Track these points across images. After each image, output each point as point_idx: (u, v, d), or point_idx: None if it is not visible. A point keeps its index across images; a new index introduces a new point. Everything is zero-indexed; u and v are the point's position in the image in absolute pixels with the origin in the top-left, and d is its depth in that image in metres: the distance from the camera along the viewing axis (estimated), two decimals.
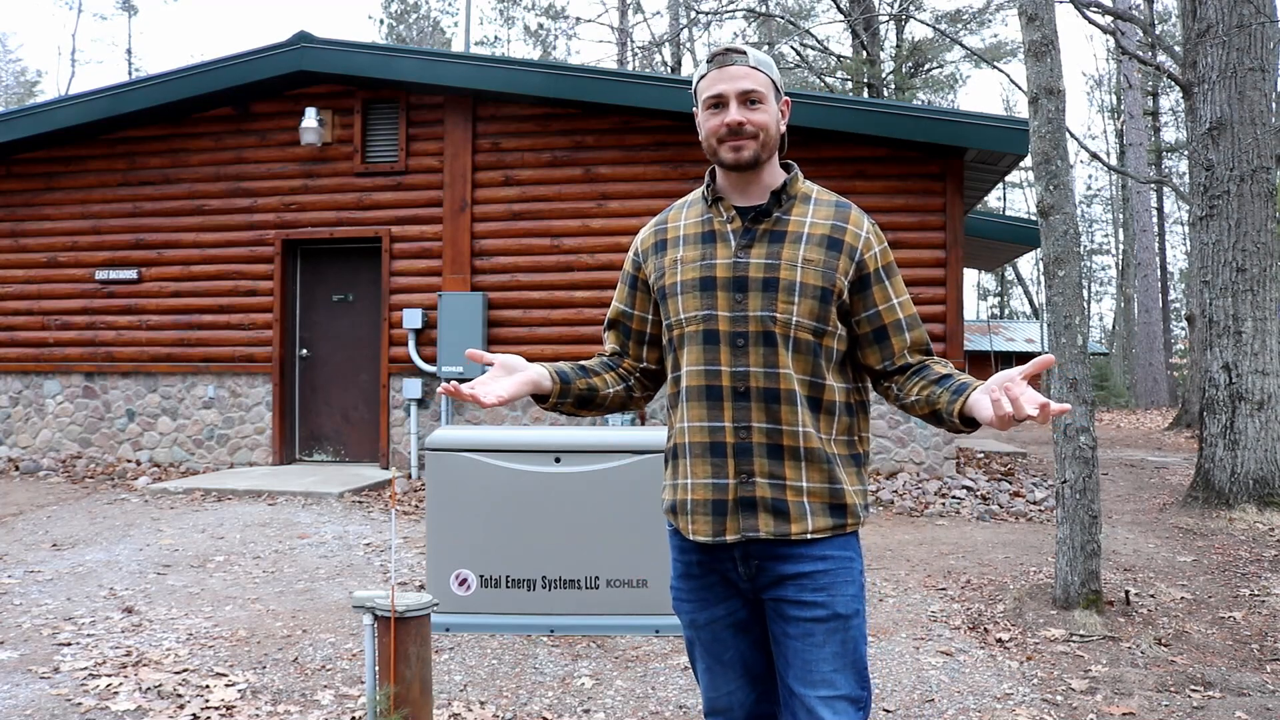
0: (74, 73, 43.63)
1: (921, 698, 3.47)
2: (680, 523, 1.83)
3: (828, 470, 1.77)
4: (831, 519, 1.77)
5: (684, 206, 1.94)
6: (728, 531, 1.76)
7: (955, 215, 8.26)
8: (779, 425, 1.75)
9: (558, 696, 3.47)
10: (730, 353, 1.77)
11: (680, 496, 1.83)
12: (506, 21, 35.67)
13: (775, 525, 1.75)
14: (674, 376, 1.87)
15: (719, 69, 1.81)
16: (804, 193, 1.86)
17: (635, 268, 1.96)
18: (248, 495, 7.50)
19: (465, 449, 4.13)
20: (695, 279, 1.81)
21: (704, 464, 1.79)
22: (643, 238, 1.97)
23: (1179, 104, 28.32)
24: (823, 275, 1.77)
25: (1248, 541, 6.06)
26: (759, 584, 1.79)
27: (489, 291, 8.69)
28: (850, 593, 1.76)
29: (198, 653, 3.89)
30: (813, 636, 1.73)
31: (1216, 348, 7.16)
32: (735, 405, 1.76)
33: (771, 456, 1.75)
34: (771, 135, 1.81)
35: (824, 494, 1.77)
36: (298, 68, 8.70)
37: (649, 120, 8.57)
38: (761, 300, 1.76)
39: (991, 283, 46.27)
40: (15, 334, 9.54)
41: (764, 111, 1.80)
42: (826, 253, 1.78)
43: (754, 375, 1.76)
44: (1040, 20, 4.67)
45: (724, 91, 1.79)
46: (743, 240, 1.80)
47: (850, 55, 23.32)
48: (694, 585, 1.86)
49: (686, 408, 1.82)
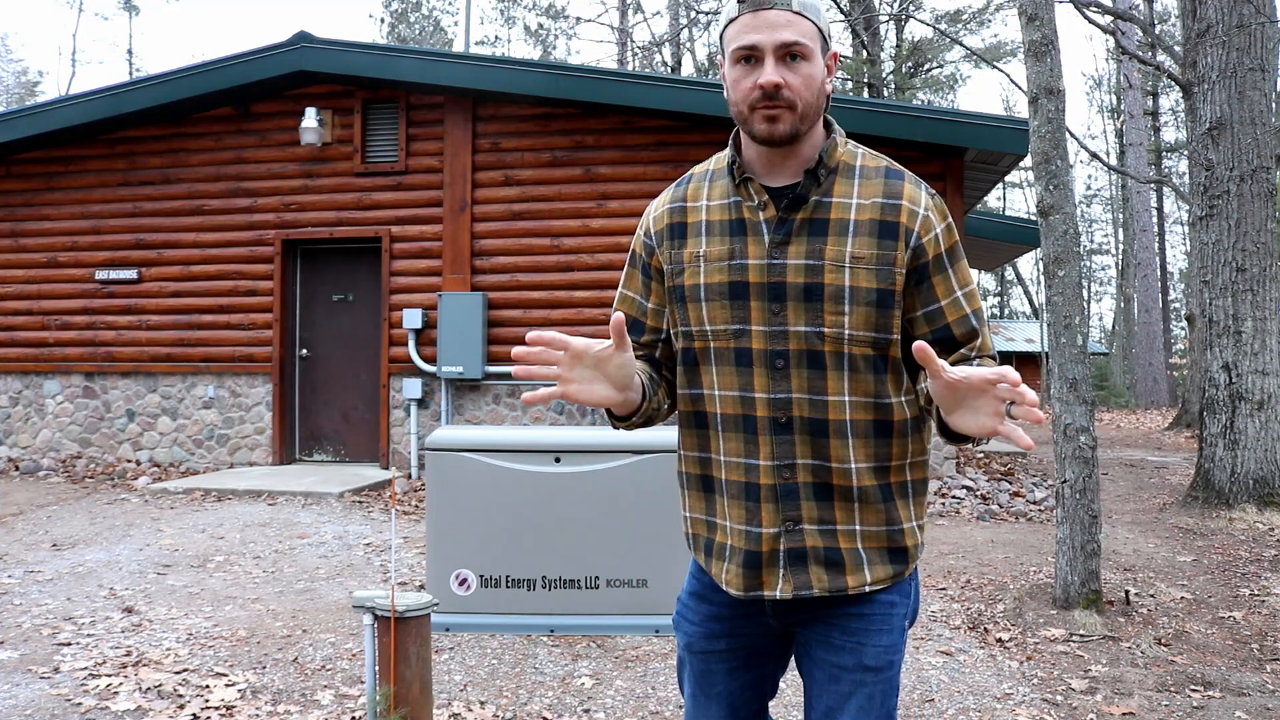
0: (74, 73, 43.64)
1: (921, 697, 3.47)
2: (713, 568, 1.57)
3: (884, 511, 1.51)
4: (890, 566, 1.52)
5: (706, 179, 1.59)
6: (766, 588, 1.51)
7: (955, 215, 8.26)
8: (827, 462, 1.48)
9: (558, 696, 3.47)
10: (767, 376, 1.48)
11: (708, 535, 1.58)
12: (507, 21, 35.67)
13: (830, 579, 1.49)
14: (689, 394, 1.57)
15: (754, 12, 1.44)
16: (845, 162, 1.51)
17: (648, 253, 1.61)
18: (248, 495, 7.50)
19: (465, 449, 4.13)
20: (723, 283, 1.50)
21: (738, 507, 1.52)
22: (655, 216, 1.62)
23: (1179, 104, 28.33)
24: (878, 274, 1.45)
25: (1248, 541, 6.06)
26: (788, 621, 1.58)
27: (489, 291, 8.69)
28: (884, 643, 1.52)
29: (198, 653, 3.89)
30: (838, 683, 1.52)
31: (1216, 348, 7.16)
32: (776, 440, 1.48)
33: (819, 499, 1.49)
34: (814, 103, 1.45)
35: (881, 538, 1.51)
36: (298, 68, 8.71)
37: (649, 120, 8.57)
38: (804, 312, 1.45)
39: (991, 283, 46.27)
40: (15, 334, 9.54)
41: (807, 70, 1.44)
42: (879, 243, 1.45)
43: (797, 404, 1.47)
44: (1040, 20, 4.67)
45: (759, 43, 1.43)
46: (777, 235, 1.47)
47: (850, 55, 23.32)
48: (704, 611, 1.63)
49: (720, 438, 1.53)
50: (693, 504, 1.61)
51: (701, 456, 1.57)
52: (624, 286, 1.65)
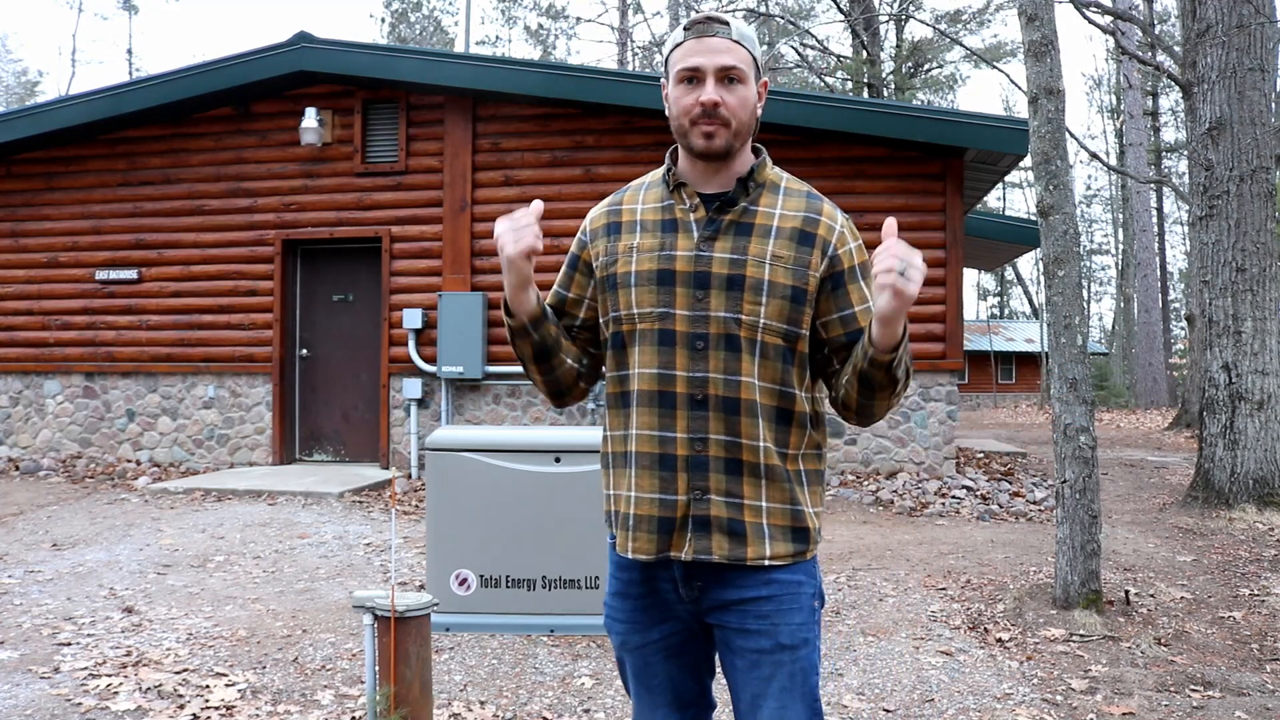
0: (74, 73, 43.66)
1: (921, 698, 3.47)
2: (620, 538, 1.68)
3: (788, 490, 1.63)
4: (792, 544, 1.63)
5: (641, 188, 1.75)
6: (673, 549, 1.62)
7: (955, 215, 8.26)
8: (738, 439, 1.60)
9: (558, 696, 3.47)
10: (688, 356, 1.61)
11: (622, 510, 1.68)
12: (508, 21, 35.70)
13: (730, 548, 1.61)
14: (617, 376, 1.69)
15: (698, 39, 1.61)
16: (772, 180, 1.69)
17: (580, 248, 1.76)
18: (248, 495, 7.51)
19: (465, 449, 4.13)
20: (652, 271, 1.64)
21: (651, 477, 1.63)
22: (593, 217, 1.77)
23: (1179, 104, 28.32)
24: (794, 273, 1.61)
25: (1247, 541, 6.06)
26: (702, 607, 1.67)
27: (489, 291, 8.69)
28: (797, 621, 1.62)
29: (198, 653, 3.89)
30: (759, 668, 1.62)
31: (1216, 348, 7.16)
32: (691, 415, 1.61)
33: (729, 473, 1.60)
34: (746, 122, 1.63)
35: (784, 515, 1.63)
36: (298, 68, 8.71)
37: (649, 120, 8.57)
38: (725, 299, 1.60)
39: (991, 283, 46.28)
40: (15, 334, 9.54)
41: (742, 92, 1.61)
42: (798, 248, 1.62)
43: (713, 382, 1.60)
44: (1040, 20, 4.67)
45: (701, 65, 1.59)
46: (706, 231, 1.63)
47: (850, 55, 23.32)
48: (629, 606, 1.72)
49: (636, 414, 1.65)
50: (616, 481, 1.71)
51: (624, 434, 1.68)
52: (556, 283, 1.81)
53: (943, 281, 8.23)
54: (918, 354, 8.20)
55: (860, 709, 3.36)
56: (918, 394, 8.29)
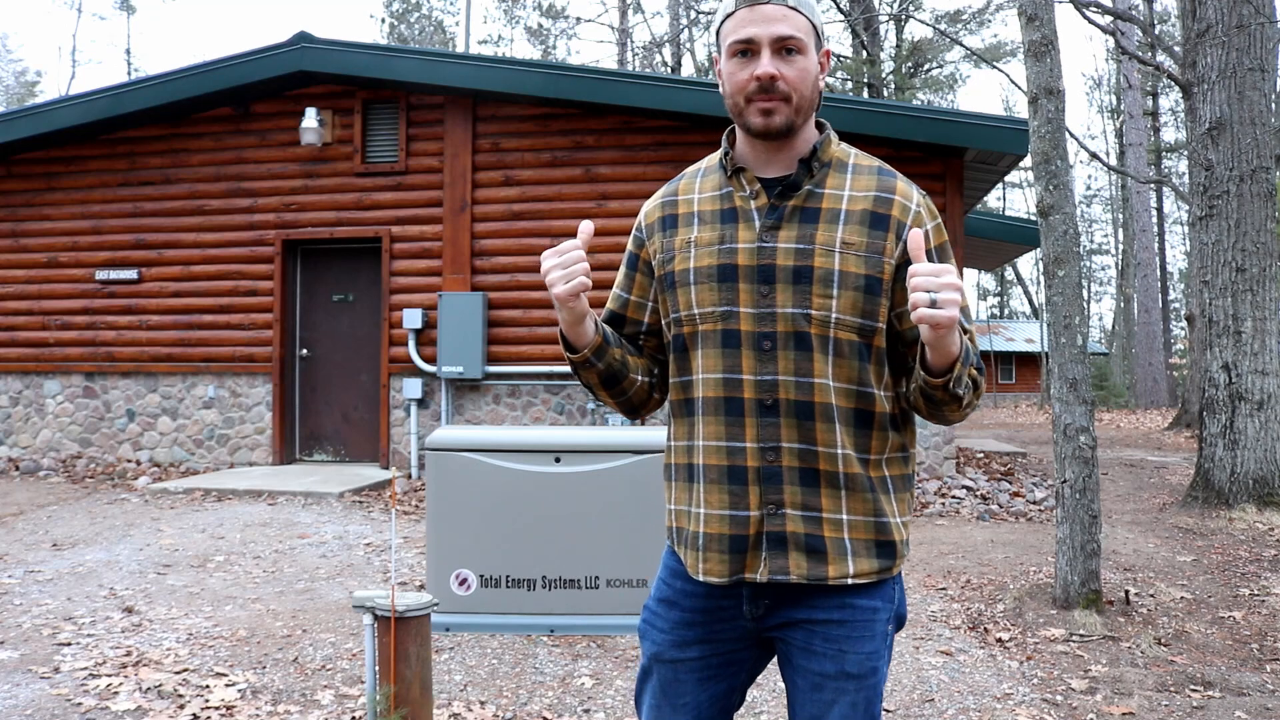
0: (74, 73, 43.66)
1: (921, 697, 3.47)
2: (688, 559, 1.55)
3: (871, 500, 1.49)
4: (877, 560, 1.49)
5: (698, 175, 1.62)
6: (748, 570, 1.48)
7: (955, 215, 8.26)
8: (814, 446, 1.46)
9: (558, 696, 3.47)
10: (755, 358, 1.48)
11: (689, 528, 1.55)
12: (510, 21, 35.71)
13: (810, 567, 1.47)
14: (680, 382, 1.57)
15: (750, 7, 1.46)
16: (839, 158, 1.54)
17: (638, 246, 1.63)
18: (248, 495, 7.51)
19: (465, 449, 4.13)
20: (712, 266, 1.51)
21: (720, 491, 1.50)
22: (647, 211, 1.64)
23: (1179, 104, 28.33)
24: (867, 261, 1.47)
25: (1247, 541, 6.06)
26: (765, 624, 1.54)
27: (489, 291, 8.69)
28: (867, 650, 1.49)
29: (198, 653, 3.89)
30: (821, 691, 1.49)
31: (1216, 348, 7.16)
32: (761, 422, 1.47)
33: (805, 484, 1.47)
34: (808, 96, 1.48)
35: (868, 528, 1.49)
36: (298, 68, 8.71)
37: (649, 120, 8.57)
38: (792, 294, 1.46)
39: (991, 283, 46.31)
40: (15, 334, 9.54)
41: (802, 64, 1.47)
42: (870, 232, 1.47)
43: (784, 385, 1.46)
44: (1040, 20, 4.68)
45: (755, 36, 1.45)
46: (768, 220, 1.49)
47: (850, 55, 23.32)
48: (675, 617, 1.58)
49: (701, 422, 1.52)
50: (678, 495, 1.59)
51: (688, 445, 1.56)
52: (615, 287, 1.69)
53: None
54: None
55: None
56: None
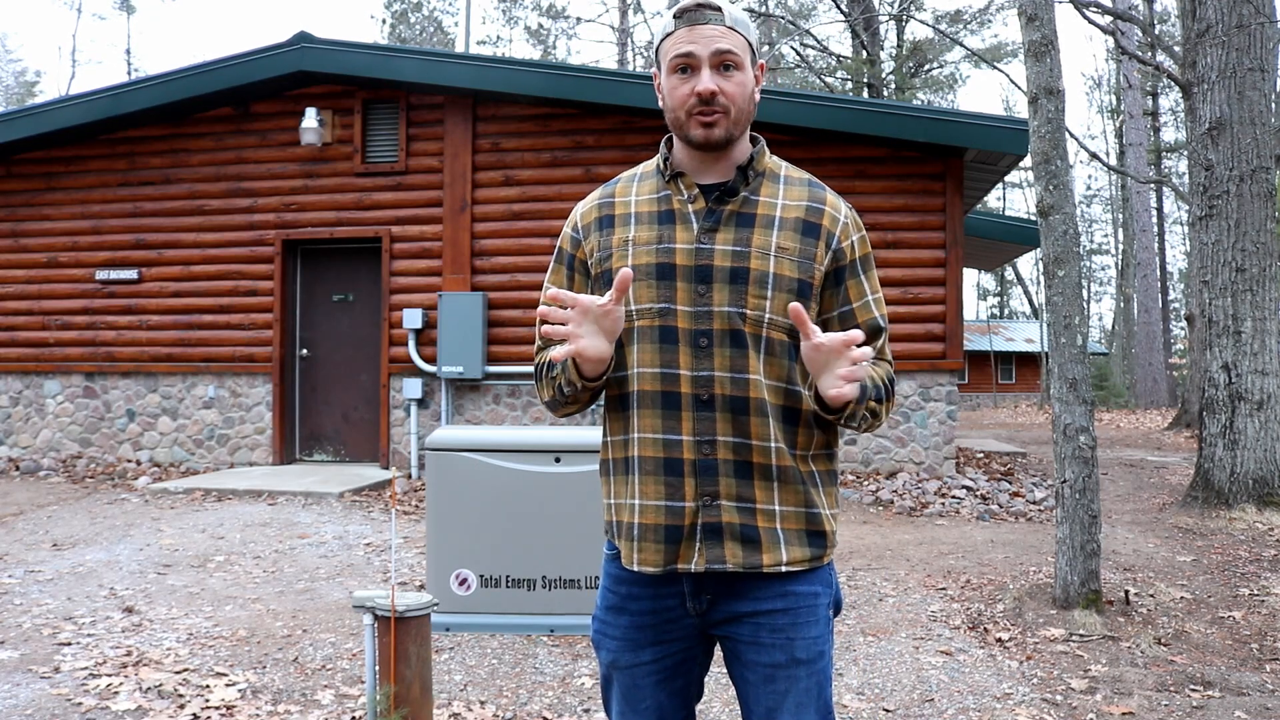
0: (74, 73, 43.65)
1: (921, 697, 3.47)
2: (624, 550, 1.59)
3: (803, 492, 1.55)
4: (809, 548, 1.56)
5: (634, 179, 1.68)
6: (682, 560, 1.53)
7: (955, 215, 8.27)
8: (748, 440, 1.52)
9: (558, 696, 3.47)
10: (691, 354, 1.53)
11: (625, 519, 1.59)
12: (510, 21, 35.71)
13: (745, 556, 1.52)
14: (616, 377, 1.59)
15: (689, 26, 1.54)
16: (772, 169, 1.62)
17: (574, 245, 1.66)
18: (248, 495, 7.51)
19: (465, 449, 4.13)
20: (650, 265, 1.55)
21: (656, 483, 1.54)
22: (582, 212, 1.68)
23: (1179, 104, 28.33)
24: (799, 266, 1.55)
25: (1247, 541, 6.06)
26: (710, 620, 1.59)
27: (489, 291, 8.69)
28: (813, 634, 1.56)
29: (198, 652, 3.89)
30: (773, 683, 1.54)
31: (1216, 348, 7.16)
32: (697, 416, 1.52)
33: (739, 476, 1.52)
34: (745, 109, 1.56)
35: (800, 519, 1.55)
36: (298, 68, 8.71)
37: (649, 120, 8.57)
38: (729, 293, 1.52)
39: (991, 283, 46.28)
40: (15, 334, 9.54)
41: (740, 79, 1.54)
42: (803, 239, 1.56)
43: (719, 381, 1.52)
44: (1040, 20, 4.68)
45: (695, 52, 1.53)
46: (706, 223, 1.56)
47: (850, 55, 23.32)
48: (625, 623, 1.62)
49: (637, 416, 1.56)
50: (615, 489, 1.62)
51: (625, 439, 1.60)
52: (549, 281, 1.70)
53: (943, 281, 8.24)
54: (918, 354, 8.20)
55: (860, 709, 3.36)
56: (918, 394, 8.29)
